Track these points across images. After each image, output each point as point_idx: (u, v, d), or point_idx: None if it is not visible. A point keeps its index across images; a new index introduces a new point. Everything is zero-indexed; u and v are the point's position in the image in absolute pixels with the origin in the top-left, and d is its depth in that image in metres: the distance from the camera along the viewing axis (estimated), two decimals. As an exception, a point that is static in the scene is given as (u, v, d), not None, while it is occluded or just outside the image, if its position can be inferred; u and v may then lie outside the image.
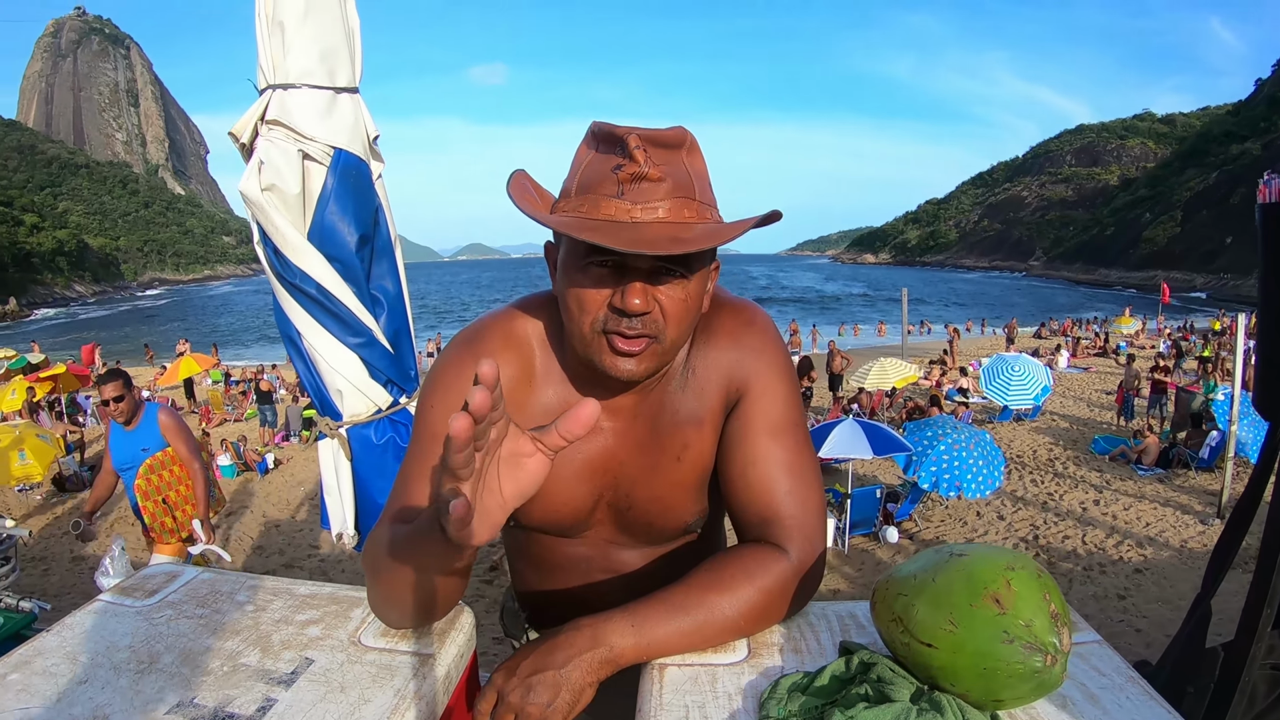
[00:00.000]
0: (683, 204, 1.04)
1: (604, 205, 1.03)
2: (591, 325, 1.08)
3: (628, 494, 1.27)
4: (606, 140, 1.07)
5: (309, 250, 2.40)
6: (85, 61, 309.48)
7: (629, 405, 1.24)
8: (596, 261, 1.05)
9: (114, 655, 1.13)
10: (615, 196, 1.03)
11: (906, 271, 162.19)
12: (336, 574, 8.68)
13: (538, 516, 1.28)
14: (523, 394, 1.24)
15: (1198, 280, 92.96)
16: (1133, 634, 6.64)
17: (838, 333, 38.90)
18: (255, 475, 13.75)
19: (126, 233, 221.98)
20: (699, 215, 1.05)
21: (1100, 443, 13.46)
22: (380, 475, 2.60)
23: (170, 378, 21.36)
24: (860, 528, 9.83)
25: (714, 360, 1.23)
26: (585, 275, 1.07)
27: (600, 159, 1.06)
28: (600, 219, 1.03)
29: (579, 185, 1.07)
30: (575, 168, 1.10)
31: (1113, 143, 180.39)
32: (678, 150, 1.06)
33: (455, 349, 1.26)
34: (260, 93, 2.38)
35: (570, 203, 1.07)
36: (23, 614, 4.04)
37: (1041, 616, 0.87)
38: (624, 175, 1.02)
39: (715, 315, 1.25)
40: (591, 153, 1.09)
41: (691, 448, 1.24)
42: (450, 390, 1.22)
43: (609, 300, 1.07)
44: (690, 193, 1.05)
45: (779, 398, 1.22)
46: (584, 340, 1.11)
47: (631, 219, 1.02)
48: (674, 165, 1.05)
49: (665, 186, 1.03)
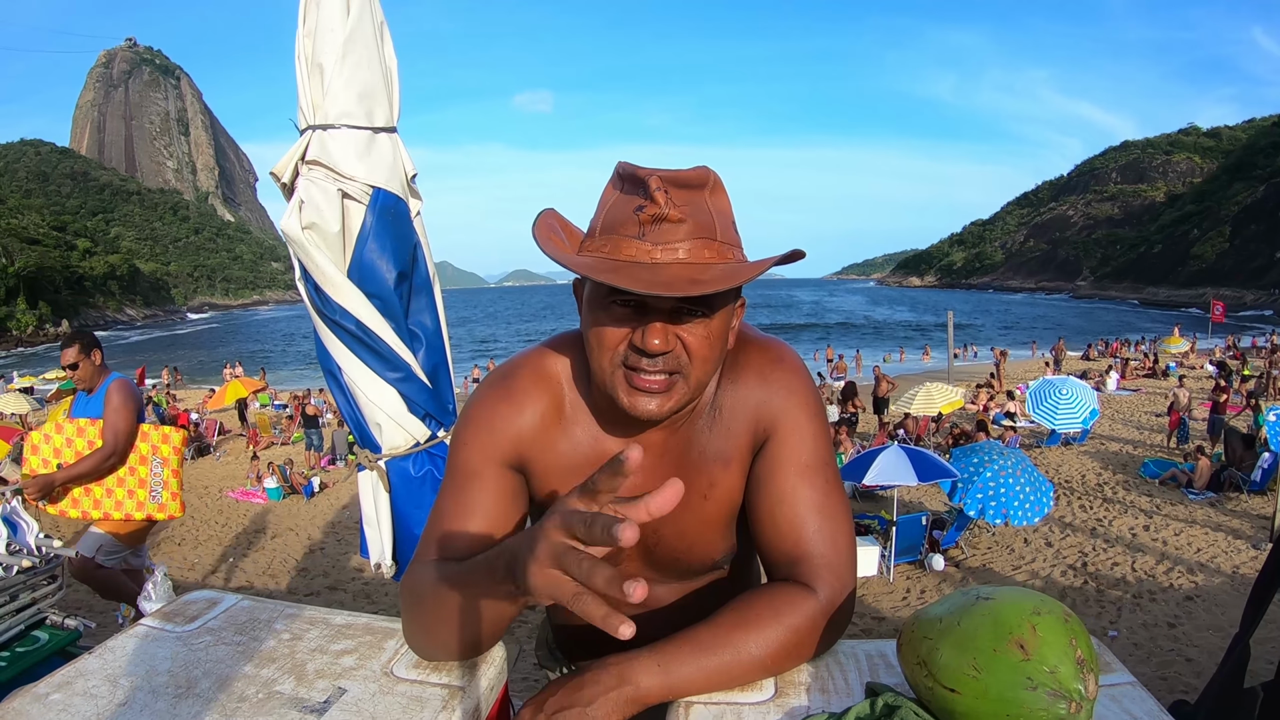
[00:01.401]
0: (703, 245, 1.04)
1: (625, 246, 1.04)
2: (612, 362, 1.10)
3: (655, 530, 1.27)
4: (630, 181, 1.08)
5: (349, 287, 2.45)
6: (136, 91, 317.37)
7: (657, 442, 1.24)
8: (618, 300, 1.07)
9: (153, 679, 1.16)
10: (636, 238, 1.04)
11: (952, 294, 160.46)
12: (380, 597, 8.73)
13: None
14: (553, 431, 1.26)
15: (1248, 297, 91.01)
16: (1183, 663, 6.49)
17: (882, 358, 38.54)
18: (301, 498, 13.92)
19: (177, 258, 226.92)
20: (719, 255, 1.06)
21: (1150, 466, 13.19)
22: (418, 507, 2.63)
23: (219, 401, 21.70)
24: (906, 555, 9.70)
25: (742, 398, 1.23)
26: (607, 314, 1.09)
27: (624, 199, 1.08)
28: (621, 260, 1.04)
29: (603, 225, 1.08)
30: (601, 208, 1.11)
31: (1158, 158, 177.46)
32: (700, 190, 1.06)
33: (489, 388, 1.28)
34: (301, 133, 2.44)
35: (594, 242, 1.08)
36: (68, 631, 4.12)
37: (1067, 663, 0.86)
38: (645, 216, 1.03)
39: (743, 353, 1.25)
40: (616, 193, 1.10)
41: (719, 486, 1.25)
42: (482, 429, 1.24)
43: (629, 338, 1.08)
44: (711, 233, 1.05)
45: (808, 437, 1.22)
46: (605, 375, 1.12)
47: (651, 260, 1.03)
48: (696, 206, 1.05)
49: (685, 228, 1.04)
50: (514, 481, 1.26)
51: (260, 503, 13.73)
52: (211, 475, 16.14)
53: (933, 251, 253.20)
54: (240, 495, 14.17)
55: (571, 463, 1.25)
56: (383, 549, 2.70)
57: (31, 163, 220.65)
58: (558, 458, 1.25)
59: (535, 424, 1.24)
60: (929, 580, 9.17)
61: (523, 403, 1.25)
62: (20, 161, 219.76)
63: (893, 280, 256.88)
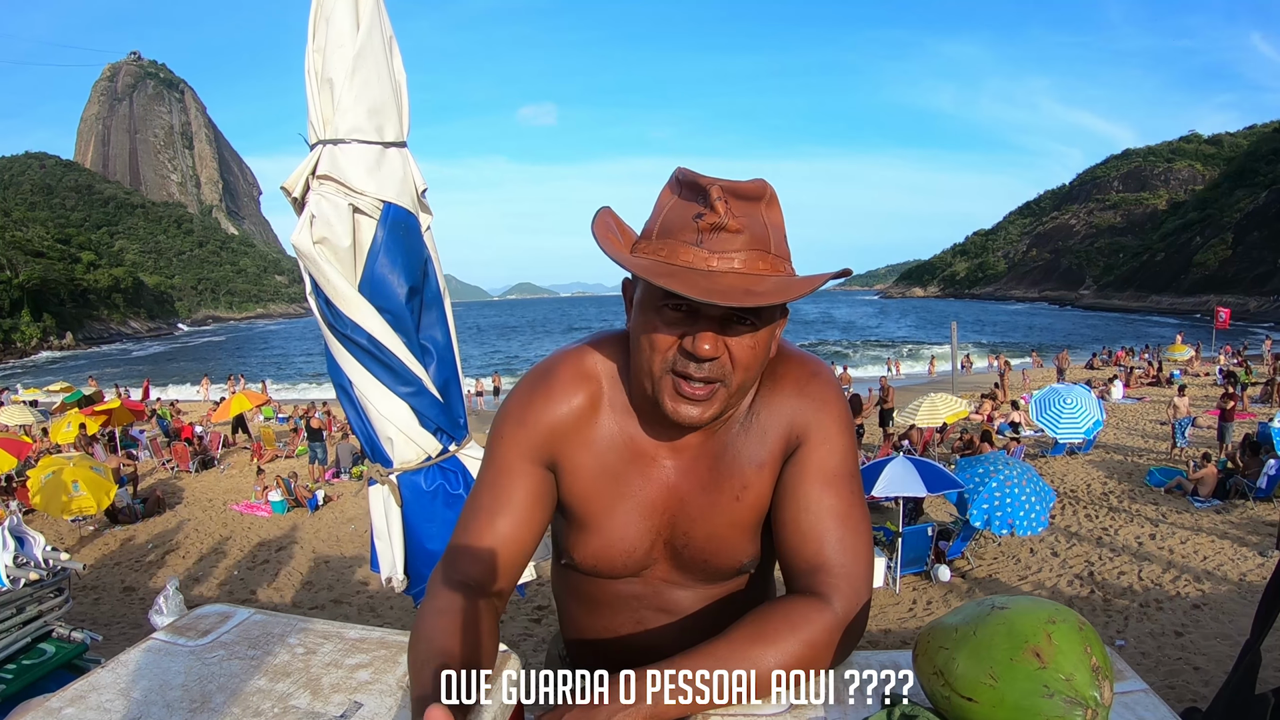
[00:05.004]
0: (758, 256, 1.08)
1: (682, 252, 1.07)
2: (661, 365, 1.14)
3: (686, 531, 1.30)
4: (690, 188, 1.11)
5: (360, 302, 2.46)
6: (141, 105, 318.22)
7: (693, 444, 1.28)
8: (671, 305, 1.10)
9: (167, 694, 1.16)
10: (694, 244, 1.07)
11: (956, 304, 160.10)
12: (385, 610, 8.73)
13: (596, 556, 1.32)
14: (589, 424, 1.29)
15: (1251, 304, 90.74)
16: (1190, 672, 6.47)
17: (886, 368, 38.49)
18: (305, 511, 13.91)
19: (181, 271, 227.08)
20: (773, 268, 1.09)
21: (1156, 474, 13.15)
22: (429, 521, 2.63)
23: (223, 414, 21.70)
24: (912, 566, 9.68)
25: (778, 406, 1.26)
26: (659, 316, 1.12)
27: (682, 205, 1.11)
28: (678, 265, 1.07)
29: (660, 229, 1.12)
30: (658, 211, 1.15)
31: (1160, 166, 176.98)
32: (757, 203, 1.10)
33: (529, 382, 1.32)
34: (311, 148, 2.45)
35: (650, 245, 1.12)
36: (75, 644, 4.12)
37: (1083, 670, 0.86)
38: (704, 224, 1.06)
39: (781, 364, 1.29)
40: (675, 198, 1.13)
41: (751, 489, 1.27)
42: (519, 423, 1.28)
43: (679, 343, 1.11)
44: (766, 245, 1.09)
45: (837, 448, 1.24)
46: (652, 378, 1.15)
47: (708, 268, 1.06)
48: (753, 217, 1.09)
49: (742, 239, 1.07)
50: (545, 480, 1.29)
51: (264, 516, 13.71)
52: (216, 488, 16.13)
53: (935, 262, 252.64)
54: (244, 508, 14.16)
55: (605, 460, 1.28)
56: (394, 563, 2.70)
57: (36, 176, 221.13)
58: (592, 454, 1.28)
59: (571, 419, 1.28)
60: (935, 591, 9.15)
61: (560, 398, 1.28)
62: (25, 174, 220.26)
63: (896, 291, 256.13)
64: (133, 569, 11.25)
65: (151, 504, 14.23)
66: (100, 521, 13.28)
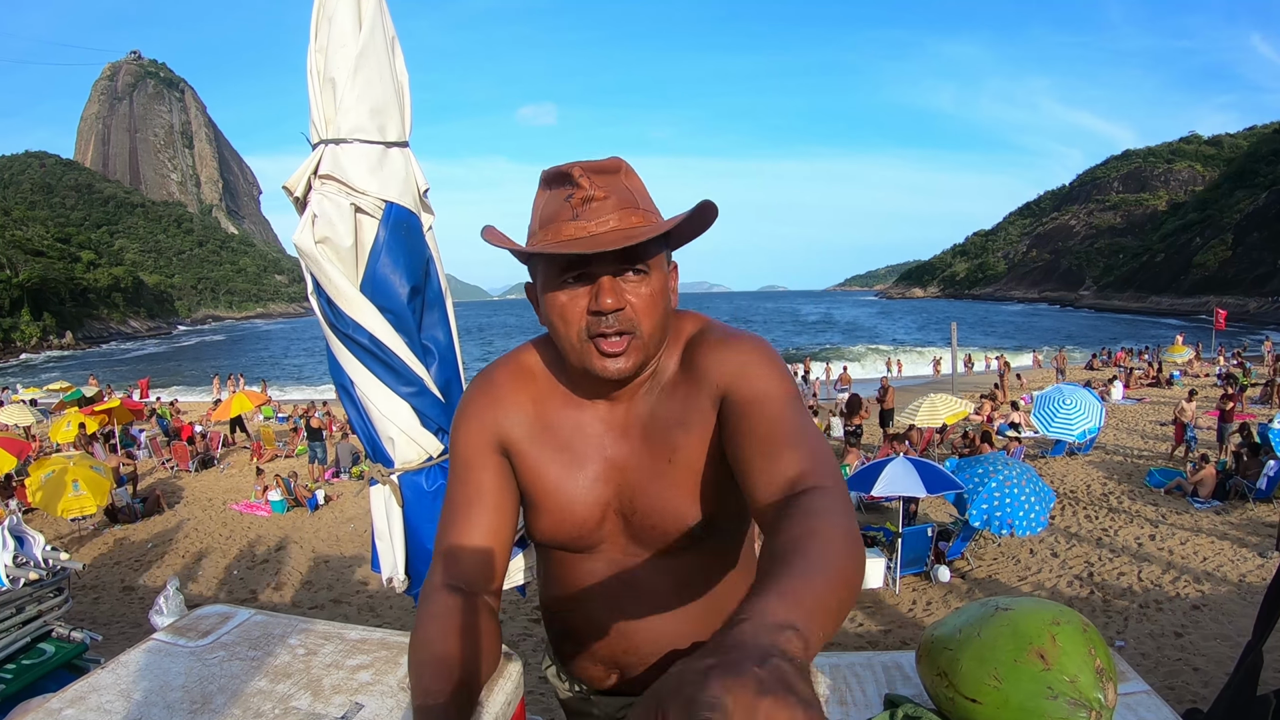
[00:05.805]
0: (629, 213, 1.20)
1: (564, 229, 1.19)
2: (579, 334, 1.23)
3: (631, 500, 1.35)
4: (555, 179, 1.23)
5: (362, 302, 2.46)
6: (141, 104, 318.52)
7: (621, 415, 1.37)
8: (570, 277, 1.21)
9: (167, 695, 1.16)
10: (571, 220, 1.19)
11: (956, 305, 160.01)
12: (385, 610, 8.73)
13: (553, 529, 1.39)
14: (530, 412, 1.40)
15: (1251, 305, 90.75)
16: (1190, 673, 6.47)
17: (886, 367, 38.49)
18: (305, 511, 13.91)
19: (181, 270, 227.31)
20: (644, 219, 1.21)
21: (1155, 475, 13.16)
22: (430, 521, 2.62)
23: (223, 413, 21.71)
24: (912, 566, 9.69)
25: (698, 363, 1.32)
26: (563, 291, 1.22)
27: (553, 194, 1.23)
28: (564, 240, 1.19)
29: (541, 220, 1.23)
30: (535, 209, 1.27)
31: (1160, 167, 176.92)
32: (616, 174, 1.23)
33: (474, 384, 1.45)
34: (313, 147, 2.45)
35: (536, 237, 1.23)
36: (74, 644, 4.12)
37: (1086, 672, 0.86)
38: (575, 200, 1.19)
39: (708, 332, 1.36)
40: (546, 193, 1.25)
41: (680, 450, 1.31)
42: (472, 419, 1.40)
43: (587, 307, 1.21)
44: (634, 204, 1.21)
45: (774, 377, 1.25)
46: (575, 350, 1.25)
47: (589, 234, 1.18)
48: (615, 186, 1.22)
49: (611, 203, 1.20)
50: (504, 466, 1.39)
51: (264, 516, 13.73)
52: (215, 488, 16.14)
53: (935, 262, 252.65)
54: (244, 508, 14.17)
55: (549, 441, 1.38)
56: (395, 563, 2.70)
57: (36, 175, 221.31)
58: (537, 437, 1.38)
59: (514, 409, 1.40)
60: (935, 592, 9.15)
61: (501, 393, 1.41)
62: (25, 173, 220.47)
63: (895, 292, 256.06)
64: (132, 568, 11.25)
65: (151, 503, 14.24)
66: (100, 521, 13.29)
